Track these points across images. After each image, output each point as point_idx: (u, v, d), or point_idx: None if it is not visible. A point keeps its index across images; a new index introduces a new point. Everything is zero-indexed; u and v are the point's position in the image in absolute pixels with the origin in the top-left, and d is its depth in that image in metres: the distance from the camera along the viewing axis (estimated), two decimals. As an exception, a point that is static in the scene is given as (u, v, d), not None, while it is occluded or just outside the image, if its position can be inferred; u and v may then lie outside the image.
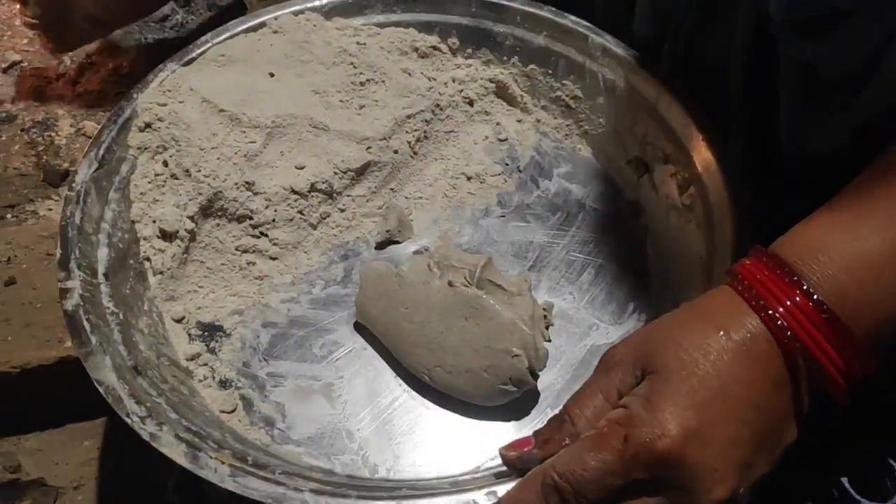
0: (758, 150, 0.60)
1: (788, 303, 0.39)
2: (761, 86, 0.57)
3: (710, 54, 0.62)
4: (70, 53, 0.91)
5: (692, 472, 0.37)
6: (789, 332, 0.38)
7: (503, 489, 0.43)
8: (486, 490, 0.44)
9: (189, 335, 0.57)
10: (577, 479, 0.38)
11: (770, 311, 0.39)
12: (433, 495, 0.45)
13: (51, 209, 0.82)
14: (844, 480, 0.52)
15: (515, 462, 0.43)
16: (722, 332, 0.39)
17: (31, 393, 0.72)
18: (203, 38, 0.67)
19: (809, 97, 0.53)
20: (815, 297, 0.38)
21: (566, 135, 0.70)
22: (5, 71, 0.92)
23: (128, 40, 0.95)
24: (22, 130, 0.87)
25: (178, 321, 0.57)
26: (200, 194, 0.59)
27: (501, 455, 0.44)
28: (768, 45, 0.55)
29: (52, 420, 0.76)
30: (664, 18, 0.64)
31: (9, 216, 0.81)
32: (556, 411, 0.43)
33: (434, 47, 0.70)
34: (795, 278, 0.39)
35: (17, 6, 0.93)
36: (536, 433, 0.43)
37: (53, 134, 0.87)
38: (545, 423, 0.43)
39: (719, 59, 0.60)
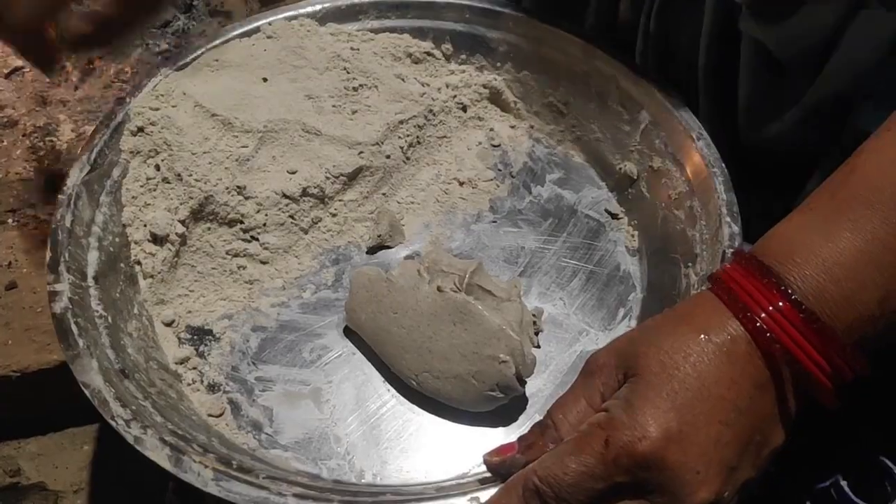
0: (726, 135, 0.60)
1: (768, 304, 0.38)
2: (726, 70, 0.57)
3: (679, 35, 0.62)
4: (72, 59, 0.91)
5: (674, 473, 0.37)
6: (768, 334, 0.38)
7: (487, 494, 0.42)
8: (469, 496, 0.44)
9: (178, 339, 0.57)
10: (559, 482, 0.38)
11: (749, 313, 0.38)
12: (417, 501, 0.45)
13: (52, 214, 0.82)
14: (844, 484, 0.52)
15: (499, 467, 0.43)
16: (702, 335, 0.39)
17: (31, 397, 0.73)
18: (197, 43, 0.67)
19: (767, 82, 0.54)
20: (793, 297, 0.38)
21: (559, 141, 0.70)
22: (7, 76, 0.93)
23: (129, 48, 0.95)
24: (23, 135, 0.88)
25: (168, 325, 0.57)
26: (192, 198, 0.59)
27: (485, 461, 0.43)
28: (733, 28, 0.55)
29: (52, 424, 0.76)
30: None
31: (10, 221, 0.82)
32: (544, 417, 0.43)
33: (428, 53, 0.70)
34: (773, 280, 0.39)
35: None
36: (520, 438, 0.42)
37: (55, 139, 0.88)
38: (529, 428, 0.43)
39: (688, 40, 0.60)
